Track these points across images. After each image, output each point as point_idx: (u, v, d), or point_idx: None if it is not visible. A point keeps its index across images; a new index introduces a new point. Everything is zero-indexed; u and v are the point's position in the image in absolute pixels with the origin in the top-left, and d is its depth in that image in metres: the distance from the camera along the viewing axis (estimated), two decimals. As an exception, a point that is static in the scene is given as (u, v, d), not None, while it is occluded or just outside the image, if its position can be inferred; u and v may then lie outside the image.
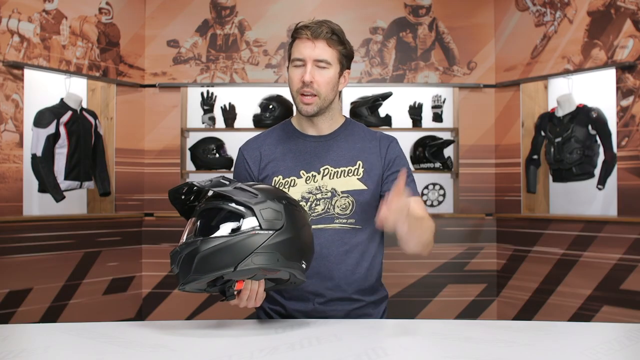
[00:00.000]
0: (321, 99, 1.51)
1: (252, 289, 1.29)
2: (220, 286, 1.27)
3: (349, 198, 1.52)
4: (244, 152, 1.62)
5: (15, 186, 3.33)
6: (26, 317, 3.33)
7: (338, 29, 1.51)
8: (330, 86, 1.51)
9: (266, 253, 1.18)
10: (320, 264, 1.50)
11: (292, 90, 1.53)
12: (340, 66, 1.53)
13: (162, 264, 3.98)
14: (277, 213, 1.22)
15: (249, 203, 1.21)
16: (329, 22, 1.50)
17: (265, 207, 1.21)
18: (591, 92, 3.63)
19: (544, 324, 1.42)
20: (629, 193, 3.33)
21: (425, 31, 4.09)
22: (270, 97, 3.94)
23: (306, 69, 1.48)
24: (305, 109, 1.51)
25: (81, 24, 3.68)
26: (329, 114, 1.58)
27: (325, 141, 1.58)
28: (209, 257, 1.16)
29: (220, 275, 1.18)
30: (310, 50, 1.47)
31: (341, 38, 1.51)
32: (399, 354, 1.15)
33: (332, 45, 1.49)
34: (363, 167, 1.55)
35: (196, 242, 1.19)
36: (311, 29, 1.47)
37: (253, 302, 1.31)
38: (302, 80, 1.48)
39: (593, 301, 3.46)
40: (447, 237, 4.02)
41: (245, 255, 1.17)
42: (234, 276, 1.20)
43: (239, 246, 1.17)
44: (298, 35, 1.50)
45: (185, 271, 1.19)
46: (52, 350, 1.18)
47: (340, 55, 1.51)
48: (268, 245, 1.19)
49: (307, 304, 1.53)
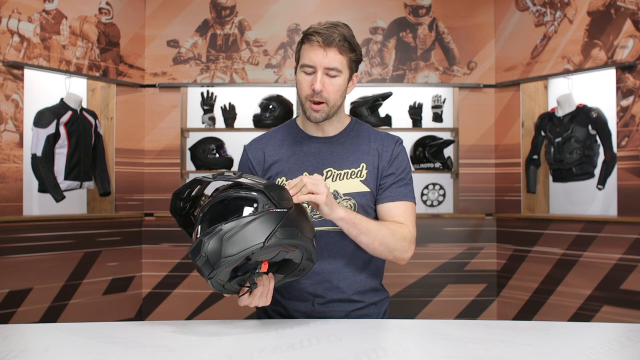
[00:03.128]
0: (329, 106, 1.49)
1: (264, 285, 1.30)
2: (241, 277, 1.28)
3: (350, 201, 1.51)
4: (248, 152, 1.62)
5: (15, 186, 3.33)
6: (26, 317, 3.33)
7: (349, 35, 1.47)
8: (339, 93, 1.50)
9: (288, 227, 1.22)
10: (321, 266, 1.50)
11: (301, 95, 1.51)
12: (350, 72, 1.51)
13: (162, 264, 3.98)
14: (286, 194, 1.28)
15: (259, 186, 1.25)
16: (340, 27, 1.46)
17: (274, 189, 1.26)
18: (591, 92, 3.63)
19: (544, 324, 1.42)
20: (629, 193, 3.33)
21: (425, 31, 4.09)
22: (270, 97, 3.94)
23: (316, 77, 1.45)
24: (315, 116, 1.50)
25: (81, 24, 3.69)
26: (336, 117, 1.57)
27: (329, 143, 1.57)
28: (236, 237, 1.18)
29: (249, 253, 1.19)
30: (322, 57, 1.44)
31: (352, 44, 1.48)
32: (399, 354, 1.15)
33: (343, 53, 1.46)
34: (367, 168, 1.54)
35: (219, 227, 1.20)
36: (323, 36, 1.43)
37: (264, 299, 1.31)
38: (312, 89, 1.46)
39: (593, 301, 3.46)
40: (447, 237, 4.03)
41: (270, 231, 1.19)
42: (261, 253, 1.22)
43: (262, 223, 1.20)
44: (309, 40, 1.46)
45: (215, 256, 1.19)
46: (52, 350, 1.18)
47: (351, 61, 1.49)
48: (288, 220, 1.22)
49: (307, 304, 1.53)
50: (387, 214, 1.52)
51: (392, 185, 1.53)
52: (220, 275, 1.23)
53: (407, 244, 1.48)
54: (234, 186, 1.29)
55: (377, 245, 1.44)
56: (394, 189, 1.53)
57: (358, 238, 1.43)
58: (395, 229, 1.47)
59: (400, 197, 1.53)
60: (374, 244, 1.44)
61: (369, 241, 1.43)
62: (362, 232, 1.41)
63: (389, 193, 1.53)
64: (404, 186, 1.54)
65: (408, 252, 1.49)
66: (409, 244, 1.49)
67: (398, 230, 1.47)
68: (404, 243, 1.47)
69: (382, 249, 1.45)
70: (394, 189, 1.53)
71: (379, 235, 1.43)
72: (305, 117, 1.55)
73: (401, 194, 1.53)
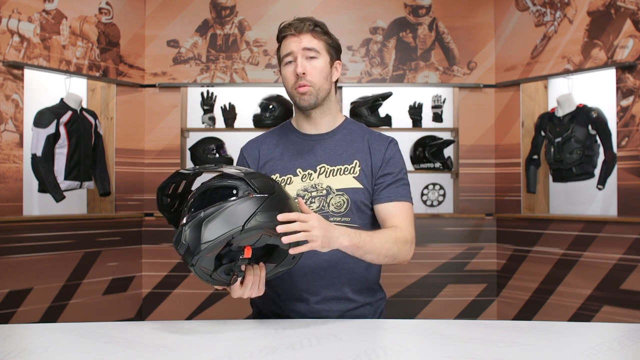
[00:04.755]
0: (316, 88, 1.52)
1: (255, 274, 1.30)
2: (227, 265, 1.28)
3: (343, 196, 1.52)
4: (244, 152, 1.65)
5: (15, 186, 3.33)
6: (26, 317, 3.33)
7: (320, 22, 1.55)
8: (323, 75, 1.53)
9: (267, 212, 1.22)
10: (315, 262, 1.50)
11: (288, 88, 1.55)
12: (330, 56, 1.55)
13: (162, 264, 3.98)
14: (267, 181, 1.29)
15: (240, 174, 1.27)
16: (309, 18, 1.55)
17: (255, 176, 1.28)
18: (591, 92, 3.63)
19: (544, 324, 1.42)
20: (629, 193, 3.33)
21: (425, 31, 4.09)
22: (270, 97, 3.94)
23: (297, 63, 1.50)
24: (302, 99, 1.52)
25: (81, 24, 3.69)
26: (327, 109, 1.58)
27: (323, 139, 1.59)
28: (215, 222, 1.19)
29: (229, 237, 1.19)
30: (297, 43, 1.51)
31: (324, 29, 1.55)
32: (399, 354, 1.15)
33: (317, 37, 1.53)
34: (360, 165, 1.55)
35: (199, 214, 1.21)
36: (294, 25, 1.53)
37: (256, 289, 1.31)
38: (295, 73, 1.51)
39: (593, 301, 3.46)
40: (447, 237, 4.03)
41: (249, 215, 1.20)
42: (242, 238, 1.22)
43: (241, 208, 1.21)
44: (283, 34, 1.55)
45: (195, 243, 1.20)
46: (52, 350, 1.18)
47: (327, 45, 1.55)
48: (267, 205, 1.23)
49: (302, 303, 1.53)
50: (385, 214, 1.53)
51: (389, 186, 1.54)
52: (203, 262, 1.23)
53: (409, 247, 1.49)
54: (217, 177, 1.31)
55: (382, 257, 1.44)
56: (392, 189, 1.53)
57: (364, 257, 1.41)
58: (396, 235, 1.46)
59: (398, 197, 1.53)
60: (379, 257, 1.44)
61: (374, 257, 1.43)
62: (367, 251, 1.40)
63: (387, 193, 1.53)
64: (401, 187, 1.55)
65: (410, 253, 1.50)
66: (410, 245, 1.49)
67: (399, 236, 1.46)
68: (405, 247, 1.47)
69: (387, 259, 1.45)
70: (392, 189, 1.53)
71: (384, 249, 1.43)
72: (300, 114, 1.59)
73: (399, 194, 1.54)
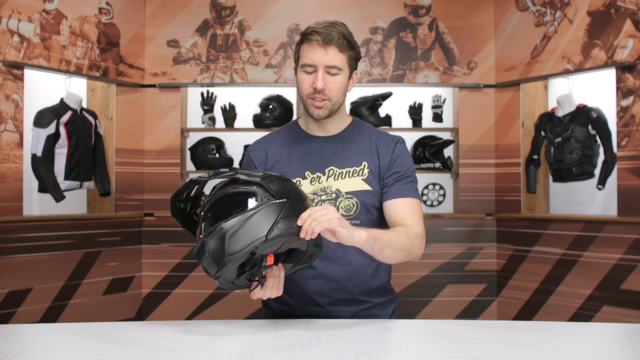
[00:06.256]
0: (332, 102, 1.50)
1: (274, 276, 1.30)
2: (249, 271, 1.28)
3: (353, 199, 1.51)
4: (251, 153, 1.63)
5: (15, 186, 3.33)
6: (26, 317, 3.33)
7: (347, 33, 1.49)
8: (341, 90, 1.51)
9: (288, 218, 1.22)
10: (325, 265, 1.50)
11: (302, 94, 1.52)
12: (350, 69, 1.52)
13: (162, 264, 3.98)
14: (284, 184, 1.27)
15: (256, 180, 1.25)
16: (338, 26, 1.48)
17: (272, 180, 1.26)
18: (591, 92, 3.63)
19: (544, 324, 1.42)
20: (629, 193, 3.33)
21: (425, 31, 4.09)
22: (270, 97, 3.94)
23: (317, 76, 1.46)
24: (317, 113, 1.50)
25: (81, 24, 3.68)
26: (337, 115, 1.57)
27: (331, 142, 1.58)
28: (238, 234, 1.18)
29: (253, 249, 1.19)
30: (322, 56, 1.45)
31: (351, 42, 1.49)
32: (399, 354, 1.15)
33: (343, 50, 1.47)
34: (368, 167, 1.54)
35: (220, 226, 1.20)
36: (322, 35, 1.44)
37: (276, 290, 1.31)
38: (314, 87, 1.47)
39: (593, 301, 3.46)
40: (447, 237, 4.03)
41: (271, 223, 1.20)
42: (265, 247, 1.21)
43: (263, 216, 1.20)
44: (308, 40, 1.47)
45: (219, 255, 1.19)
46: (52, 350, 1.18)
47: (350, 59, 1.50)
48: (287, 210, 1.22)
49: (314, 305, 1.53)
50: (393, 210, 1.51)
51: (396, 182, 1.53)
52: (227, 274, 1.23)
53: (421, 241, 1.47)
54: (231, 182, 1.29)
55: (399, 252, 1.40)
56: (399, 185, 1.53)
57: (382, 252, 1.36)
58: (407, 231, 1.44)
59: (406, 193, 1.52)
60: (396, 252, 1.39)
61: (391, 252, 1.37)
62: (385, 245, 1.35)
63: (394, 190, 1.52)
64: (409, 183, 1.54)
65: (422, 248, 1.48)
66: (422, 240, 1.47)
67: (410, 231, 1.44)
68: (418, 241, 1.45)
69: (403, 254, 1.41)
70: (399, 185, 1.53)
71: (399, 242, 1.39)
72: (308, 116, 1.56)
73: (407, 190, 1.53)
